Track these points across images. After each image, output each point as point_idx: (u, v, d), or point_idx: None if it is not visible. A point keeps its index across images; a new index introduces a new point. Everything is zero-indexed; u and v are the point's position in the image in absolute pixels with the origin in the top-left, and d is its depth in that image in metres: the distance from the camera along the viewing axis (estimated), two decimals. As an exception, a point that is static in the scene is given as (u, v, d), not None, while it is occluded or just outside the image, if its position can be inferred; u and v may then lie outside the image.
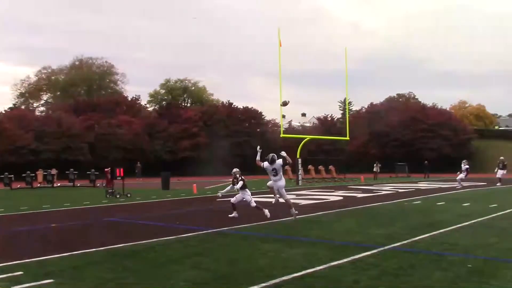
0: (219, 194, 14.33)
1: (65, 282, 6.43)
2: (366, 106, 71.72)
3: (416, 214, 13.94)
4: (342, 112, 74.10)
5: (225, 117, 62.69)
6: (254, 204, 13.57)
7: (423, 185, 30.24)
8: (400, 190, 24.77)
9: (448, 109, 74.02)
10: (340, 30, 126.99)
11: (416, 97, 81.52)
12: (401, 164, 48.09)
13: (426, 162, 45.38)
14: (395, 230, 10.78)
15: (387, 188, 26.52)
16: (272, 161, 12.85)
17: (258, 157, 13.20)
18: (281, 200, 13.08)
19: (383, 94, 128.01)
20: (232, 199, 13.71)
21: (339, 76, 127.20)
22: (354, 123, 61.26)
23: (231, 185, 13.92)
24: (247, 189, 13.81)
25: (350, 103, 68.30)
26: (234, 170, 13.99)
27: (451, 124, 61.50)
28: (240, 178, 13.71)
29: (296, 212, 12.96)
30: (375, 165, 42.29)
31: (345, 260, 7.58)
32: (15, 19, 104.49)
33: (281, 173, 12.98)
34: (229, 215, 13.27)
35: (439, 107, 67.70)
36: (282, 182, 12.98)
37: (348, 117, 42.11)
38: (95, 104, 63.08)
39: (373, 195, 21.71)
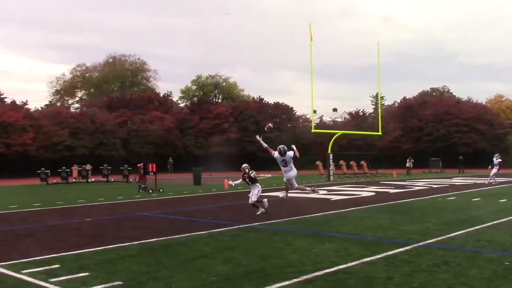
0: (231, 182, 14.24)
1: (100, 276, 6.55)
2: (398, 101, 70.74)
3: (451, 210, 13.68)
4: (374, 107, 73.36)
5: (255, 112, 62.74)
6: (253, 200, 13.31)
7: (457, 180, 29.65)
8: (433, 186, 24.35)
9: (483, 103, 72.19)
10: (372, 24, 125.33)
11: (450, 91, 79.91)
12: (434, 159, 47.23)
13: (460, 157, 44.46)
14: (428, 226, 10.59)
15: (420, 184, 26.11)
16: (281, 153, 12.95)
17: (265, 145, 13.41)
18: (290, 193, 13.36)
19: (416, 88, 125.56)
20: (250, 200, 13.48)
21: (371, 70, 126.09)
22: (387, 118, 60.57)
23: (241, 179, 13.78)
24: (257, 184, 13.58)
25: (382, 97, 67.62)
26: (244, 165, 13.77)
27: (486, 119, 60.00)
28: (250, 173, 13.49)
29: (313, 188, 13.93)
30: (408, 160, 41.67)
31: (378, 256, 7.49)
32: (50, 18, 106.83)
33: (292, 164, 13.15)
34: (257, 213, 13.16)
35: (475, 101, 66.14)
36: (293, 172, 13.24)
37: (381, 111, 41.55)
38: (128, 100, 63.99)
39: (406, 191, 21.40)
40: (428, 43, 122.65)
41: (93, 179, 34.72)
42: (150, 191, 22.12)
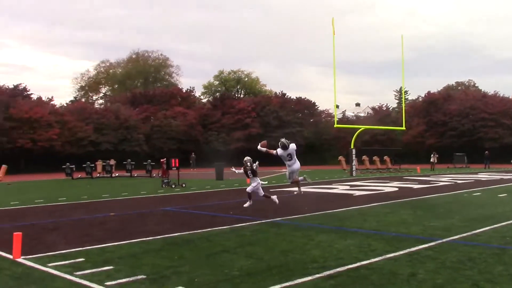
0: (234, 170, 14.13)
1: (124, 269, 6.63)
2: (423, 95, 69.78)
3: (476, 206, 13.48)
4: (397, 101, 72.66)
5: (278, 107, 62.63)
6: (250, 190, 13.20)
7: (483, 176, 29.19)
8: (458, 181, 24.01)
9: (511, 97, 70.76)
10: (396, 18, 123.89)
11: (476, 85, 78.63)
12: (459, 155, 46.55)
13: (486, 152, 43.73)
14: (453, 222, 10.45)
15: (445, 179, 25.77)
16: (284, 147, 12.82)
17: (264, 149, 13.20)
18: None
19: (441, 82, 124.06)
20: (259, 195, 13.36)
21: (395, 64, 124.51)
22: (411, 112, 59.85)
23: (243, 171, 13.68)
24: (257, 177, 13.43)
25: (406, 92, 66.79)
26: (246, 158, 13.64)
27: (513, 113, 58.83)
28: (251, 166, 13.38)
29: (305, 176, 13.88)
30: (432, 155, 41.15)
31: (401, 252, 7.43)
32: (75, 15, 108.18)
33: (296, 157, 13.12)
34: (244, 205, 13.10)
35: (501, 95, 64.85)
36: (297, 165, 13.24)
37: (404, 106, 41.09)
38: (151, 96, 64.51)
39: (430, 186, 21.15)
40: (453, 36, 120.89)
41: (117, 174, 35.12)
42: (173, 186, 22.28)
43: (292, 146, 12.97)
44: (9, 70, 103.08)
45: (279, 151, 12.96)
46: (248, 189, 13.30)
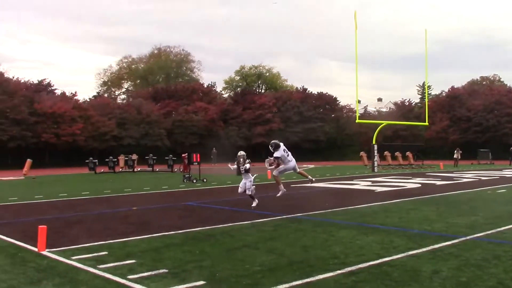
0: (230, 166, 13.99)
1: (146, 263, 6.69)
2: (446, 90, 68.79)
3: (501, 203, 13.26)
4: (420, 96, 71.66)
5: (299, 102, 62.45)
6: (249, 192, 12.94)
7: (508, 172, 28.67)
8: (483, 178, 23.64)
9: (537, 92, 69.30)
10: (419, 11, 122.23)
11: (501, 80, 77.15)
12: (484, 151, 45.80)
13: (511, 148, 42.94)
14: (477, 219, 10.30)
15: (468, 176, 25.39)
16: (278, 146, 12.72)
17: (271, 160, 13.00)
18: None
19: (465, 77, 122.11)
20: (240, 190, 13.13)
21: (418, 59, 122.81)
22: (434, 107, 59.09)
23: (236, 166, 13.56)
24: (250, 174, 13.18)
25: (429, 87, 65.86)
26: (240, 153, 13.55)
27: (540, 108, 57.64)
28: (244, 163, 13.20)
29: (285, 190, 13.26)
30: (455, 151, 40.60)
31: (424, 249, 7.34)
32: (98, 10, 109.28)
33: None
34: (252, 205, 12.82)
35: (528, 90, 63.56)
36: (294, 160, 13.09)
37: (428, 101, 40.57)
38: (172, 91, 64.88)
39: (453, 183, 20.86)
40: (478, 30, 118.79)
41: (139, 169, 35.43)
42: (194, 181, 22.40)
43: (281, 144, 12.91)
44: (34, 66, 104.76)
45: (278, 153, 12.76)
46: (248, 192, 13.04)
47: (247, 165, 13.14)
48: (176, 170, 32.31)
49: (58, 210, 13.13)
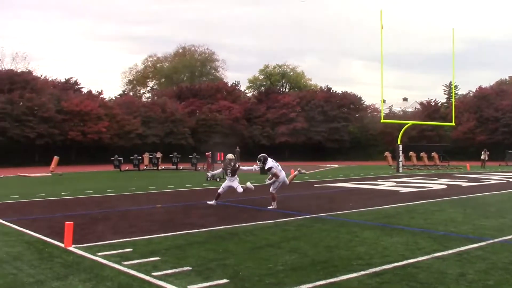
0: (209, 173, 13.87)
1: (170, 260, 6.74)
2: (473, 90, 67.64)
3: (530, 206, 12.96)
4: (447, 96, 70.67)
5: (323, 102, 62.16)
6: (240, 190, 12.97)
7: (537, 174, 28.04)
8: (511, 180, 23.17)
9: None
10: (446, 9, 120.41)
11: (531, 80, 75.44)
12: (512, 152, 44.90)
13: None
14: (505, 222, 10.10)
15: (496, 177, 24.92)
16: (266, 159, 12.73)
17: (272, 174, 12.79)
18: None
19: (493, 76, 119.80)
20: (222, 190, 13.16)
21: (445, 58, 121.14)
22: (461, 107, 58.16)
23: (221, 170, 13.53)
24: (236, 176, 13.24)
25: (456, 86, 64.80)
26: (229, 156, 13.56)
27: None
28: (234, 165, 13.22)
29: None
30: (483, 152, 39.87)
31: (450, 251, 7.23)
32: (124, 10, 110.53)
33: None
34: (209, 202, 12.93)
35: (558, 90, 62.08)
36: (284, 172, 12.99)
37: (454, 101, 39.95)
38: (196, 90, 65.26)
39: (480, 184, 20.49)
40: (506, 28, 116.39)
41: (163, 167, 35.74)
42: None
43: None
44: (61, 64, 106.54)
45: (269, 164, 12.68)
46: (238, 190, 13.02)
47: (237, 166, 13.29)
48: (200, 168, 32.48)
49: (84, 207, 13.33)
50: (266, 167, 12.76)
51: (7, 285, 5.68)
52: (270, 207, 12.59)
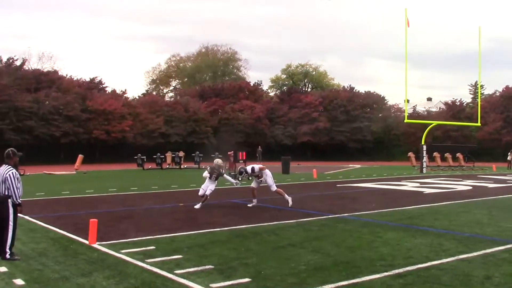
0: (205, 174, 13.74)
1: (192, 259, 6.78)
2: (500, 90, 66.40)
3: (558, 208, 12.68)
4: (472, 96, 69.45)
5: (345, 101, 61.75)
6: (209, 192, 12.92)
7: None
8: (538, 181, 22.69)
9: None
10: (472, 8, 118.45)
11: (560, 79, 73.82)
12: (539, 153, 43.89)
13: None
14: (532, 224, 9.90)
15: (523, 179, 24.43)
16: (246, 170, 13.26)
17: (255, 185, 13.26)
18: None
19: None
20: (203, 191, 13.05)
21: (470, 57, 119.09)
22: (487, 108, 57.13)
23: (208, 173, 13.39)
24: (216, 181, 13.26)
25: (482, 86, 63.75)
26: (218, 161, 13.68)
27: None
28: (220, 172, 13.26)
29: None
30: (509, 153, 39.07)
31: (475, 253, 7.12)
32: (147, 9, 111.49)
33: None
34: (195, 206, 12.70)
35: None
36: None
37: (480, 101, 39.30)
38: (219, 89, 65.43)
39: (506, 186, 20.13)
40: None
41: (185, 166, 35.95)
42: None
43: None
44: (86, 64, 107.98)
45: (249, 168, 13.35)
46: (207, 192, 12.95)
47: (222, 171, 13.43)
48: (221, 167, 32.53)
49: (108, 205, 13.50)
50: (250, 171, 13.24)
51: (33, 280, 5.79)
52: (290, 201, 12.85)
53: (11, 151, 7.18)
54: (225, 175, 13.71)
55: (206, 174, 13.35)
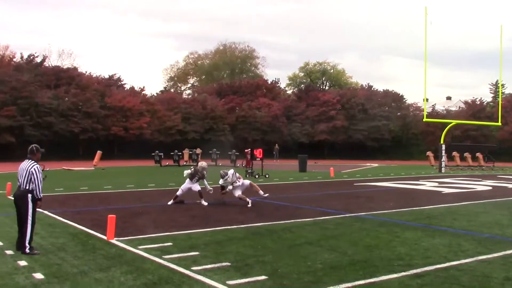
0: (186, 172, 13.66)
1: (209, 256, 6.80)
2: (521, 89, 65.44)
3: None
4: (493, 95, 68.57)
5: (363, 100, 61.32)
6: (197, 189, 13.03)
7: None
8: (560, 182, 22.30)
9: None
10: (493, 6, 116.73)
11: None
12: (561, 153, 43.20)
13: None
14: (554, 226, 9.73)
15: (544, 179, 24.02)
16: (225, 174, 12.95)
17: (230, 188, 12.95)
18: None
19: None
20: (182, 191, 13.12)
21: (492, 56, 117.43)
22: (507, 107, 56.30)
23: (190, 172, 13.36)
24: (198, 183, 13.23)
25: (503, 85, 62.83)
26: (203, 164, 13.68)
27: None
28: (203, 174, 13.28)
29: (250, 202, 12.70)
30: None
31: (495, 255, 7.03)
32: (165, 7, 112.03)
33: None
34: (169, 203, 12.80)
35: None
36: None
37: (501, 100, 38.73)
38: (236, 87, 65.49)
39: (527, 186, 19.81)
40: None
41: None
42: (256, 177, 22.53)
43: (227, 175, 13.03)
44: (105, 61, 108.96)
45: (221, 181, 13.12)
46: (195, 189, 13.07)
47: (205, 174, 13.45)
48: (238, 165, 32.60)
49: (125, 201, 13.62)
50: (231, 176, 13.01)
51: (52, 274, 5.86)
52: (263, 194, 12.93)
53: (34, 147, 7.34)
54: (205, 180, 13.58)
55: (187, 174, 13.34)
